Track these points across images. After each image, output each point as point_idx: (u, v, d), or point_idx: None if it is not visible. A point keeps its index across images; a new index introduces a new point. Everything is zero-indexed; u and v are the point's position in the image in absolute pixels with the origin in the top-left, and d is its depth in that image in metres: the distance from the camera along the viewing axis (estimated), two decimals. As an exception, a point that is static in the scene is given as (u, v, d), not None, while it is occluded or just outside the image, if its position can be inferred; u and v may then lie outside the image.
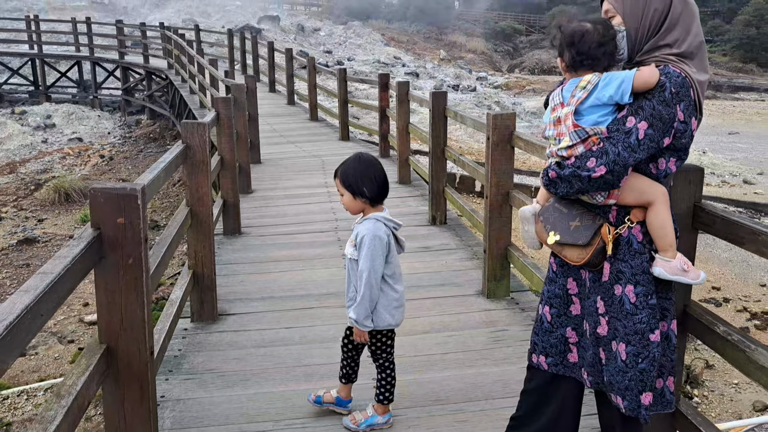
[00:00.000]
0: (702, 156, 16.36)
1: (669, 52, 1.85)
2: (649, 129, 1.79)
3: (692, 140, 1.90)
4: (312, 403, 2.87)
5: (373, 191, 2.56)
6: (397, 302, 2.65)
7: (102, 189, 1.91)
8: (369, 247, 2.50)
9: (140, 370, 2.02)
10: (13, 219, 11.22)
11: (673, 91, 1.79)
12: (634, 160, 1.82)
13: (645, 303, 1.88)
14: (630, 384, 1.90)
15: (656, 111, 1.79)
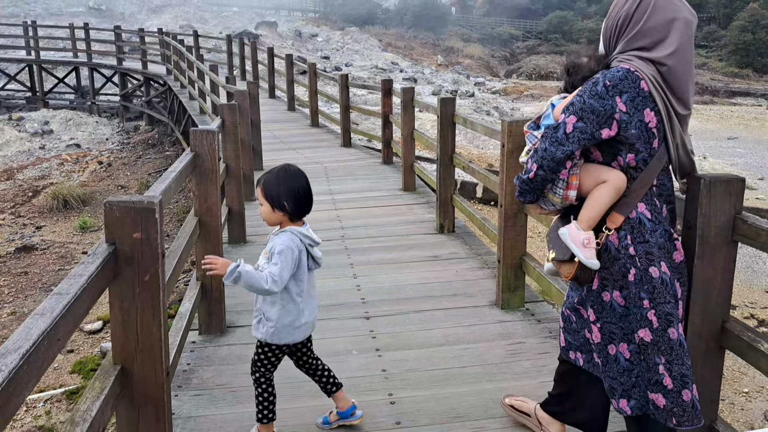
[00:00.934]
0: (703, 161, 16.33)
1: (637, 54, 1.92)
2: (579, 122, 1.88)
3: (654, 135, 1.91)
4: (321, 426, 2.82)
5: (294, 206, 2.46)
6: (299, 322, 2.53)
7: (117, 202, 1.82)
8: (280, 255, 2.39)
9: (156, 391, 1.92)
10: (10, 226, 11.09)
11: (607, 83, 1.87)
12: (563, 152, 1.90)
13: (635, 304, 1.92)
14: (637, 381, 1.91)
15: (587, 105, 1.88)
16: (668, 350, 1.92)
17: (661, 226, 1.97)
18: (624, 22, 1.95)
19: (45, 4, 36.22)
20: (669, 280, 1.94)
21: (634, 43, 1.92)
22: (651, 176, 1.93)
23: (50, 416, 5.22)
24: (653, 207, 1.96)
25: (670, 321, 1.91)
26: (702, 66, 41.99)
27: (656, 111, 1.88)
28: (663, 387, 1.91)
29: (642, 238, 1.93)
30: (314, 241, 2.56)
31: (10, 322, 7.34)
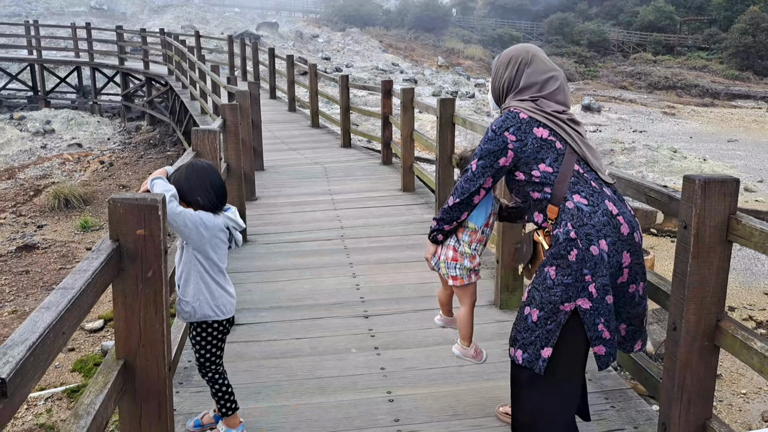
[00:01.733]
0: (702, 163, 16.38)
1: (516, 100, 2.44)
2: (480, 161, 2.41)
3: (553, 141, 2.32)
4: (192, 429, 2.80)
5: (209, 200, 2.46)
6: (216, 300, 2.53)
7: (122, 200, 1.85)
8: None
9: (158, 386, 1.95)
10: (12, 225, 11.12)
11: (494, 128, 2.39)
12: (476, 185, 2.44)
13: (576, 278, 2.24)
14: (535, 340, 2.32)
15: (484, 149, 2.40)
16: (607, 312, 2.26)
17: (600, 207, 2.27)
18: (509, 84, 2.47)
19: (46, 4, 36.27)
20: (608, 255, 2.23)
21: (518, 96, 2.44)
22: (567, 169, 2.31)
23: (51, 414, 5.25)
24: (589, 192, 2.30)
25: (607, 290, 2.25)
26: (703, 68, 42.03)
27: (544, 125, 2.34)
28: (603, 339, 2.29)
29: (581, 222, 2.25)
30: (238, 224, 2.58)
31: (11, 321, 7.37)
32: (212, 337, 2.57)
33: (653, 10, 49.58)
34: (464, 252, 2.67)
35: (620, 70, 42.48)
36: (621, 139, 18.68)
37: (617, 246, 2.23)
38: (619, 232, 2.24)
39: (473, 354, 2.81)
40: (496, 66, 2.53)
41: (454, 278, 2.71)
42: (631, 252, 2.26)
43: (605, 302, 2.25)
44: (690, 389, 2.25)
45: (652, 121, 26.63)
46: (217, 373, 2.62)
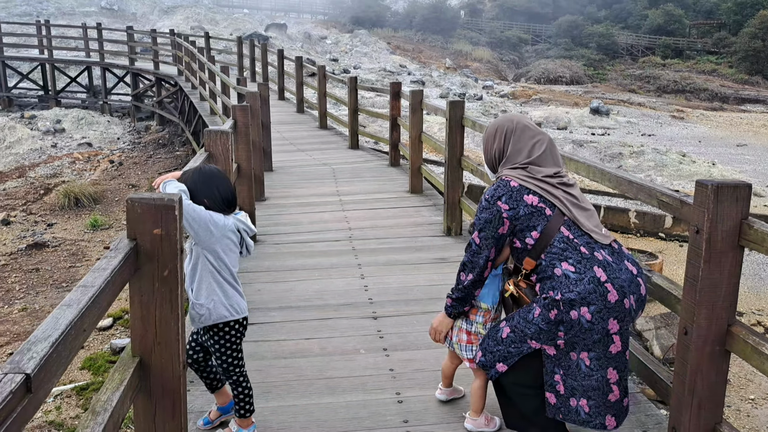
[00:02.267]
0: (711, 168, 16.31)
1: (507, 168, 2.53)
2: (481, 233, 2.49)
3: (543, 207, 2.41)
4: (203, 428, 2.82)
5: (216, 203, 2.50)
6: (229, 301, 2.56)
7: (139, 199, 1.87)
8: None
9: (173, 384, 1.97)
10: (22, 223, 11.20)
11: (487, 197, 2.49)
12: (483, 258, 2.51)
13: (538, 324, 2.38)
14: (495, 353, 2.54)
15: (481, 219, 2.49)
16: (566, 366, 2.38)
17: (587, 275, 2.32)
18: (499, 154, 2.59)
19: (57, 4, 36.53)
20: (588, 322, 2.30)
21: (508, 164, 2.54)
22: (551, 232, 2.39)
23: (60, 412, 5.28)
24: (578, 259, 2.35)
25: (573, 347, 2.34)
26: (712, 72, 41.85)
27: (534, 192, 2.43)
28: (556, 390, 2.41)
29: (568, 288, 2.32)
30: (250, 229, 2.61)
31: (21, 318, 7.43)
32: (231, 336, 2.59)
33: (662, 14, 49.43)
34: (479, 332, 2.73)
35: (629, 74, 42.37)
36: (629, 143, 18.62)
37: (602, 313, 2.28)
38: (606, 299, 2.28)
39: (484, 422, 2.81)
40: (486, 138, 2.66)
41: (471, 360, 2.75)
42: (619, 318, 2.30)
43: (569, 357, 2.36)
44: (701, 393, 2.25)
45: (661, 124, 26.53)
46: (242, 375, 2.65)
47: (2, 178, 14.72)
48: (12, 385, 1.14)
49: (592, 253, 2.34)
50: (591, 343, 2.31)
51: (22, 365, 1.20)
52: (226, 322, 2.56)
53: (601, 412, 2.35)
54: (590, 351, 2.32)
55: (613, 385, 2.34)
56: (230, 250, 2.53)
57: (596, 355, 2.32)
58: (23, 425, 1.19)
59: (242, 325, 2.64)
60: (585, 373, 2.33)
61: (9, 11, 33.67)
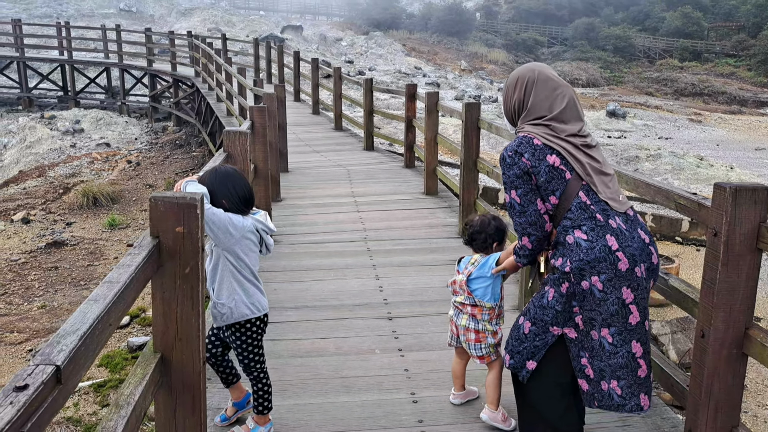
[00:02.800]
0: (729, 172, 16.14)
1: (530, 123, 2.42)
2: (518, 190, 2.35)
3: (563, 170, 2.32)
4: (220, 424, 2.85)
5: (234, 203, 2.52)
6: (250, 299, 2.60)
7: (162, 198, 1.91)
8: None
9: (193, 380, 2.01)
10: (41, 222, 11.37)
11: (509, 153, 2.37)
12: (534, 212, 2.34)
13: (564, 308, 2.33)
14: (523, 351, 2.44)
15: (511, 176, 2.36)
16: (590, 348, 2.31)
17: (599, 243, 2.26)
18: (519, 105, 2.47)
19: (77, 6, 37.02)
20: (600, 291, 2.25)
21: (529, 118, 2.44)
22: (567, 202, 2.32)
23: (78, 408, 5.35)
24: (591, 227, 2.29)
25: (593, 325, 2.28)
26: (730, 75, 41.38)
27: (556, 153, 2.32)
28: (586, 375, 2.33)
29: (578, 257, 2.27)
30: (269, 228, 2.63)
31: (40, 315, 7.55)
32: (252, 333, 2.63)
33: (680, 16, 48.97)
34: (486, 329, 2.82)
35: (646, 76, 42.03)
36: (646, 146, 18.49)
37: (614, 282, 2.23)
38: (617, 268, 2.23)
39: (501, 419, 2.83)
40: (506, 88, 2.55)
41: (481, 358, 2.84)
42: (633, 287, 2.25)
43: (590, 336, 2.29)
44: (717, 397, 2.25)
45: (678, 128, 26.29)
46: (262, 371, 2.69)
47: (23, 177, 14.95)
48: (43, 376, 1.17)
49: (607, 220, 2.29)
50: (608, 316, 2.25)
51: (52, 357, 1.24)
52: (248, 319, 2.60)
53: (634, 392, 2.27)
54: (610, 326, 2.25)
55: (640, 359, 2.27)
56: (250, 250, 2.57)
57: (617, 330, 2.25)
58: (53, 415, 1.22)
59: (263, 321, 2.68)
60: (610, 351, 2.26)
61: (30, 13, 34.18)
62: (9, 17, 28.34)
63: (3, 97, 23.25)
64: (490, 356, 2.84)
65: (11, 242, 10.33)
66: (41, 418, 1.16)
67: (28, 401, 1.11)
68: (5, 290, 8.34)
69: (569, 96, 2.42)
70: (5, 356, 6.49)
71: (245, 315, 2.57)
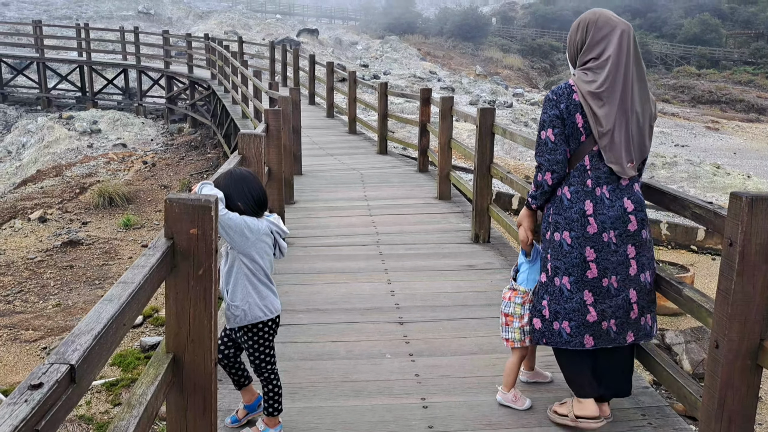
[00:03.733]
0: (746, 180, 15.95)
1: (583, 69, 2.59)
2: (555, 129, 2.56)
3: (581, 132, 2.55)
4: (230, 426, 2.84)
5: (249, 205, 2.53)
6: (264, 301, 2.61)
7: (177, 199, 1.93)
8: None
9: (205, 381, 2.02)
10: (57, 221, 11.50)
11: (552, 97, 2.59)
12: (563, 152, 2.57)
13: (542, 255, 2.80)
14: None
15: (550, 115, 2.57)
16: (551, 292, 2.68)
17: (577, 205, 2.58)
18: (579, 46, 2.62)
19: (96, 7, 37.49)
20: (568, 245, 2.60)
21: (584, 59, 2.59)
22: (574, 160, 2.58)
23: (90, 406, 5.39)
24: (578, 188, 2.59)
25: (556, 273, 2.65)
26: (749, 83, 40.93)
27: (583, 114, 2.53)
28: (542, 315, 2.72)
29: (557, 211, 2.63)
30: (283, 231, 2.65)
31: (54, 314, 7.63)
32: (264, 334, 2.65)
33: (698, 23, 48.58)
34: (515, 313, 2.92)
35: (663, 83, 41.70)
36: (662, 153, 18.33)
37: (580, 241, 2.57)
38: (585, 230, 2.56)
39: (512, 399, 2.98)
40: (570, 32, 2.70)
41: (507, 340, 2.97)
42: (596, 249, 2.56)
43: (553, 283, 2.68)
44: (731, 408, 2.22)
45: (695, 135, 26.05)
46: (273, 373, 2.70)
47: (40, 176, 15.14)
48: (58, 375, 1.19)
49: (594, 188, 2.56)
50: (570, 266, 2.61)
51: (67, 356, 1.26)
52: (261, 321, 2.61)
53: (581, 332, 2.62)
54: (570, 275, 2.62)
55: (590, 306, 2.61)
56: (265, 253, 2.59)
57: (575, 279, 2.61)
58: (67, 414, 1.24)
59: (275, 323, 2.70)
60: (567, 297, 2.63)
61: (50, 14, 34.67)
62: (30, 18, 28.75)
63: (22, 97, 23.58)
64: (514, 342, 2.94)
65: (28, 241, 10.47)
66: (55, 416, 1.17)
67: (43, 399, 1.12)
68: (21, 288, 8.45)
69: (617, 35, 2.55)
70: (20, 353, 6.57)
71: (258, 317, 2.59)
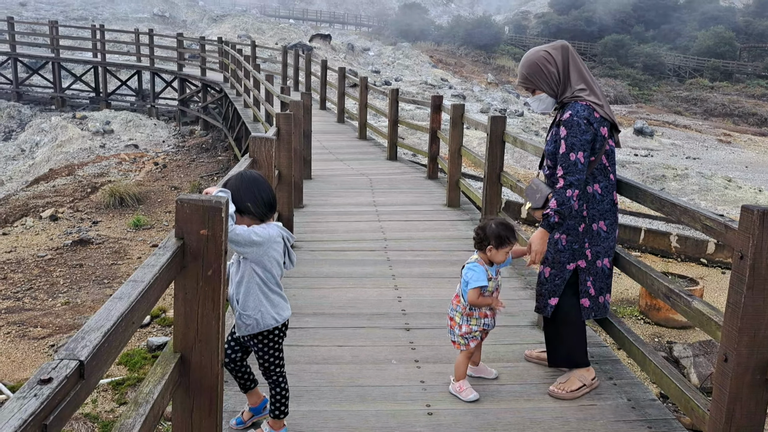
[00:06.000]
0: (758, 194, 15.83)
1: (580, 91, 3.01)
2: (585, 153, 2.96)
3: (606, 138, 3.03)
4: (235, 427, 2.85)
5: (259, 208, 2.53)
6: (275, 308, 2.62)
7: (188, 200, 1.94)
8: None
9: (211, 381, 2.03)
10: (68, 220, 11.59)
11: (586, 121, 2.95)
12: (584, 174, 2.99)
13: (570, 247, 3.15)
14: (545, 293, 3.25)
15: (584, 141, 2.94)
16: (594, 273, 3.13)
17: (608, 197, 3.08)
18: (563, 77, 3.06)
19: (112, 9, 37.87)
20: (605, 232, 3.10)
21: (578, 87, 3.02)
22: (597, 161, 3.02)
23: (96, 405, 5.42)
24: (606, 183, 3.07)
25: (598, 256, 3.11)
26: (762, 97, 40.69)
27: (606, 126, 3.01)
28: (589, 294, 3.16)
29: (592, 206, 3.07)
30: (290, 236, 2.66)
31: (63, 311, 7.67)
32: (275, 338, 2.66)
33: (712, 35, 48.38)
34: (456, 320, 3.20)
35: (675, 95, 41.54)
36: (673, 165, 18.24)
37: (613, 227, 3.14)
38: (616, 216, 3.15)
39: (458, 389, 3.18)
40: (541, 64, 3.06)
41: (454, 343, 3.22)
42: (615, 228, 3.18)
43: (596, 265, 3.11)
44: (738, 422, 2.20)
45: (707, 148, 25.90)
46: (281, 376, 2.71)
47: (53, 175, 15.27)
48: (67, 370, 1.20)
49: (614, 180, 3.11)
50: (608, 249, 3.13)
51: (76, 352, 1.27)
52: (270, 329, 2.62)
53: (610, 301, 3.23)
54: (609, 257, 3.15)
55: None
56: (276, 261, 2.59)
57: (610, 258, 3.17)
58: (75, 409, 1.25)
59: (285, 326, 2.71)
60: (607, 274, 3.17)
61: (67, 15, 35.05)
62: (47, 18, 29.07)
63: (37, 96, 23.83)
64: (458, 344, 3.18)
65: (39, 238, 10.55)
66: (63, 412, 1.18)
67: (52, 394, 1.13)
68: (31, 285, 8.51)
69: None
70: (28, 350, 6.61)
71: (270, 325, 2.60)
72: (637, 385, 3.31)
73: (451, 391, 3.19)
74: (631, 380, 3.37)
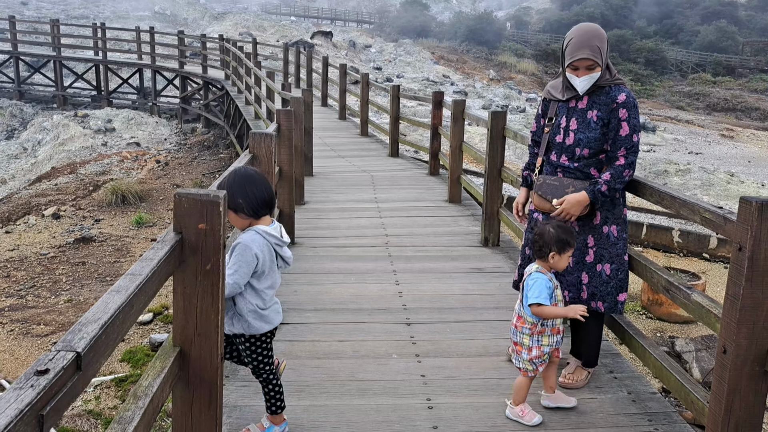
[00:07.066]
0: (760, 189, 15.79)
1: (616, 74, 3.07)
2: (641, 133, 3.20)
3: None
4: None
5: (252, 205, 2.47)
6: (265, 312, 2.58)
7: (186, 194, 1.95)
8: (236, 255, 2.41)
9: (211, 375, 2.04)
10: (71, 218, 11.62)
11: (635, 103, 3.03)
12: None
13: (621, 237, 3.07)
14: (612, 291, 3.07)
15: (639, 122, 3.03)
16: (625, 269, 3.13)
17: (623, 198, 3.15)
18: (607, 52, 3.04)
19: (113, 7, 37.89)
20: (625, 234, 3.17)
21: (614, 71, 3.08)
22: None
23: (99, 402, 5.44)
24: None
25: (624, 250, 3.12)
26: (764, 91, 40.54)
27: None
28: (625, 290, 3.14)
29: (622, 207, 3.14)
30: (281, 241, 2.55)
31: (66, 309, 7.70)
32: (263, 343, 2.65)
33: (715, 30, 48.20)
34: (523, 343, 2.88)
35: (677, 90, 41.41)
36: (676, 161, 18.21)
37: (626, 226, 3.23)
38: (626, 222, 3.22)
39: (520, 413, 2.93)
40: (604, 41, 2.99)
41: (520, 370, 2.92)
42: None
43: (624, 260, 3.12)
44: (738, 414, 2.20)
45: (709, 143, 25.84)
46: (271, 373, 2.70)
47: (55, 173, 15.31)
48: (64, 362, 1.21)
49: None
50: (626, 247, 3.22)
51: (73, 344, 1.28)
52: (261, 333, 2.62)
53: None
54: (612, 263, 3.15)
55: None
56: (272, 270, 2.56)
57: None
58: (72, 401, 1.25)
59: (275, 328, 2.70)
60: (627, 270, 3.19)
61: (68, 13, 35.08)
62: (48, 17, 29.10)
63: (39, 95, 23.87)
64: (526, 371, 2.89)
65: (41, 236, 10.58)
66: (60, 403, 1.19)
67: (48, 385, 1.14)
68: (34, 283, 8.54)
69: None
70: (31, 347, 6.64)
71: (259, 331, 2.59)
72: (638, 379, 3.31)
73: (509, 416, 2.93)
74: (631, 374, 3.37)
